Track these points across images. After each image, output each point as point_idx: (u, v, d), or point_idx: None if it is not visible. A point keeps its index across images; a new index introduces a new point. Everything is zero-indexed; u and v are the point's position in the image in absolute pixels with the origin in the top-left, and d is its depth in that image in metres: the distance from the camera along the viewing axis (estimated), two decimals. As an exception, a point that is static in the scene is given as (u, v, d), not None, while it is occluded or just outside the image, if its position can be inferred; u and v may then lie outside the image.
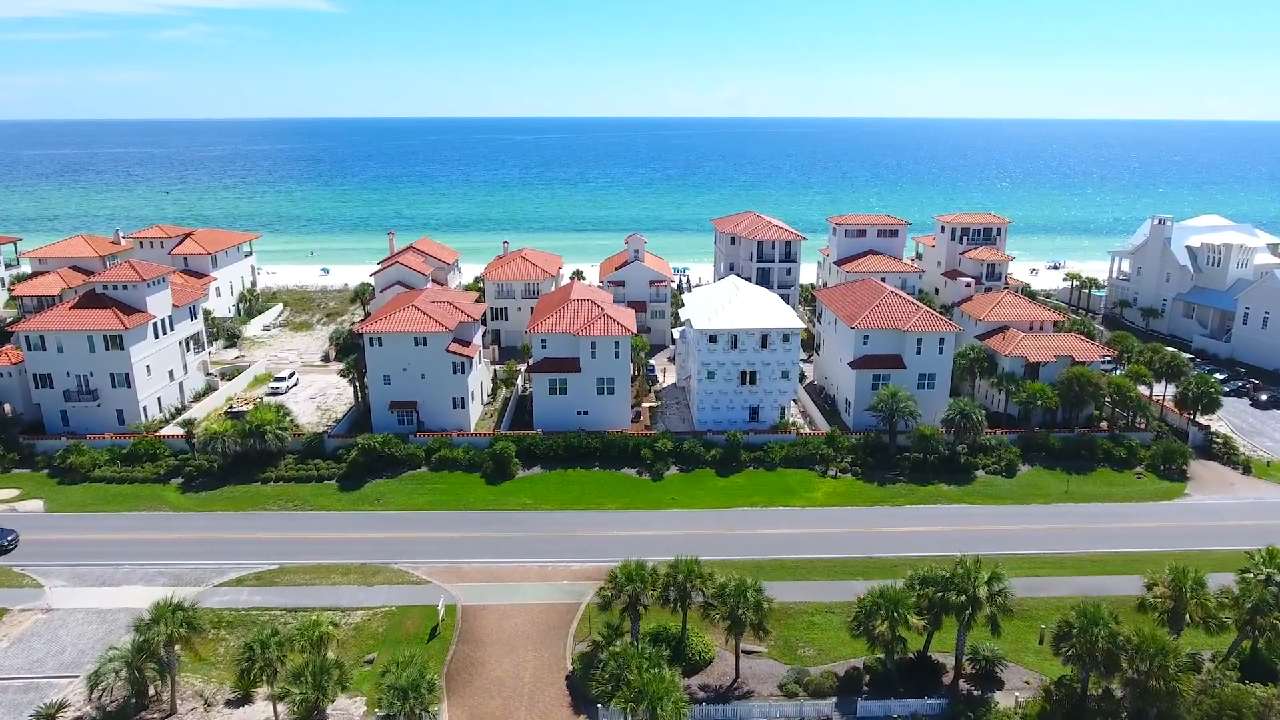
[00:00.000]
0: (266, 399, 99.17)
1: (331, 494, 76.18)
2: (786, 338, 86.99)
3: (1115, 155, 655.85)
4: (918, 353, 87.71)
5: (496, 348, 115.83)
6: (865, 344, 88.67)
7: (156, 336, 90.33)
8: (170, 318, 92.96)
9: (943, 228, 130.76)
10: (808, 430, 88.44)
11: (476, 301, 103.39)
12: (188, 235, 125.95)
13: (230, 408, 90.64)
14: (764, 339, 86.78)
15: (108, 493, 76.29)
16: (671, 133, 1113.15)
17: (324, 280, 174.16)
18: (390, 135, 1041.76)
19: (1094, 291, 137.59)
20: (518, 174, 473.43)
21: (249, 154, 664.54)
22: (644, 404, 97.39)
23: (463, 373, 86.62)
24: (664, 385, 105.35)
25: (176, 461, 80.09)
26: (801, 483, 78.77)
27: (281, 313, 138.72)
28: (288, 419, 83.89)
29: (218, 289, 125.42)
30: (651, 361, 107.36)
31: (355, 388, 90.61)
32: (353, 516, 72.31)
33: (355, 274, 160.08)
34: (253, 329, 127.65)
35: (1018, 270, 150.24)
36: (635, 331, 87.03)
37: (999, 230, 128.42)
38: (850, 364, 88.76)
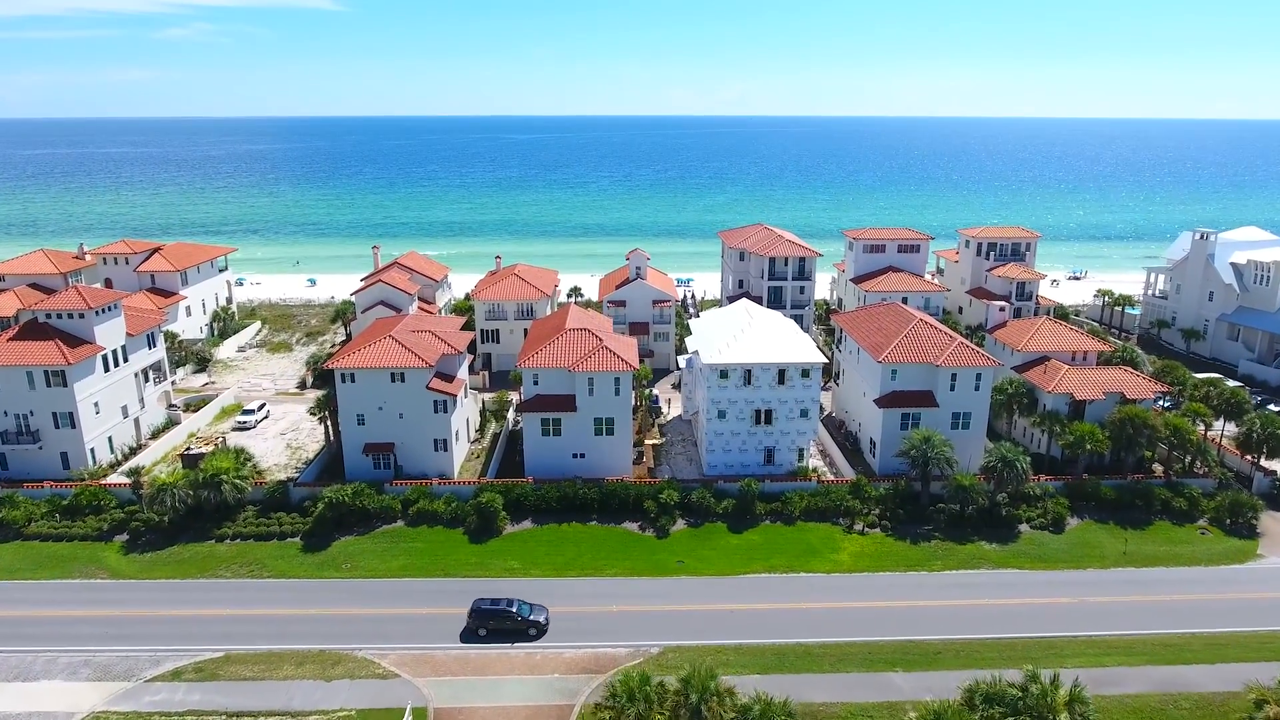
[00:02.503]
0: (232, 434, 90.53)
1: (294, 555, 67.25)
2: (806, 373, 78.05)
3: (1121, 155, 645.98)
4: (952, 389, 78.81)
5: (487, 374, 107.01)
6: (893, 379, 79.78)
7: (107, 370, 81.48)
8: (123, 348, 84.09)
9: (967, 242, 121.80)
10: (830, 477, 79.54)
11: (463, 330, 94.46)
12: (155, 250, 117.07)
13: (188, 449, 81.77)
14: (781, 374, 77.85)
15: (41, 553, 67.40)
16: (673, 132, 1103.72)
17: (310, 292, 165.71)
18: (389, 134, 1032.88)
19: (1127, 309, 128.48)
20: (516, 175, 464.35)
21: (244, 154, 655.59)
22: (646, 441, 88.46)
23: (445, 412, 77.72)
24: (668, 417, 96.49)
25: (123, 515, 71.22)
26: (825, 541, 69.86)
27: (259, 331, 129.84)
28: (249, 464, 75.11)
29: (188, 308, 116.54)
30: (655, 391, 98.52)
31: (326, 427, 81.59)
32: (316, 585, 63.36)
33: (344, 285, 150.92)
34: (226, 351, 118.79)
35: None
36: (637, 367, 78.13)
37: (1028, 245, 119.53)
38: (876, 401, 79.84)
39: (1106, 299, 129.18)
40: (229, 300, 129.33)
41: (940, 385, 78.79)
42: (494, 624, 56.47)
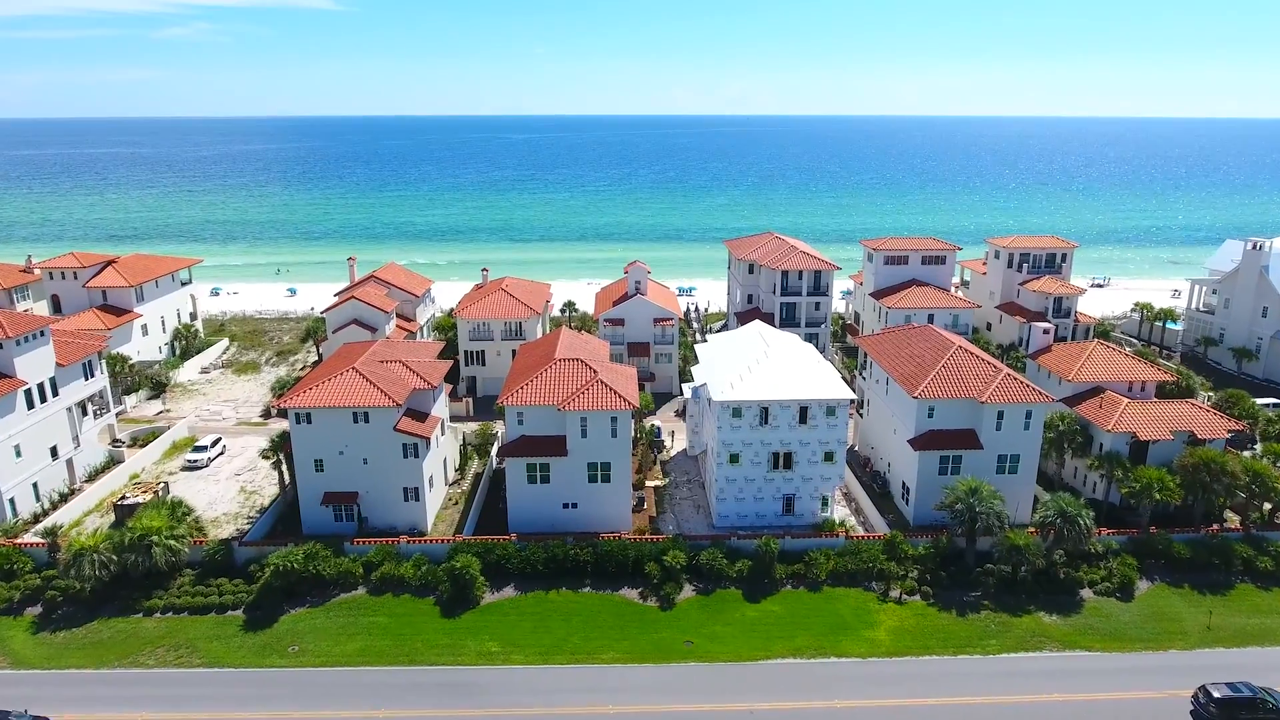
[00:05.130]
0: (180, 475, 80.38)
1: (233, 634, 57.03)
2: (832, 411, 67.88)
3: (1127, 154, 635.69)
4: (997, 429, 68.68)
5: (470, 401, 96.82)
6: (930, 417, 69.63)
7: (31, 406, 71.25)
8: (53, 380, 73.88)
9: (996, 253, 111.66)
10: (859, 531, 69.37)
11: (444, 354, 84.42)
12: (109, 263, 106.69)
13: (123, 497, 71.51)
14: (803, 412, 67.67)
15: (-66, 633, 57.26)
16: (673, 131, 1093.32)
17: (288, 303, 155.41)
18: (387, 134, 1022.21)
19: (1168, 324, 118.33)
20: (513, 176, 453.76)
21: (236, 155, 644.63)
22: (648, 483, 78.41)
23: (416, 457, 67.52)
24: (672, 452, 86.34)
25: (40, 581, 61.04)
26: (857, 612, 59.74)
27: (226, 350, 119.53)
28: (187, 520, 64.90)
29: (144, 326, 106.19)
30: (657, 423, 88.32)
31: (281, 472, 71.29)
32: (254, 678, 53.14)
33: (325, 294, 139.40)
34: (187, 373, 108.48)
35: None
36: (636, 404, 67.96)
37: (1064, 256, 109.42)
38: (911, 442, 69.68)
39: (1145, 313, 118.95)
40: (193, 316, 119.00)
41: (984, 424, 68.68)
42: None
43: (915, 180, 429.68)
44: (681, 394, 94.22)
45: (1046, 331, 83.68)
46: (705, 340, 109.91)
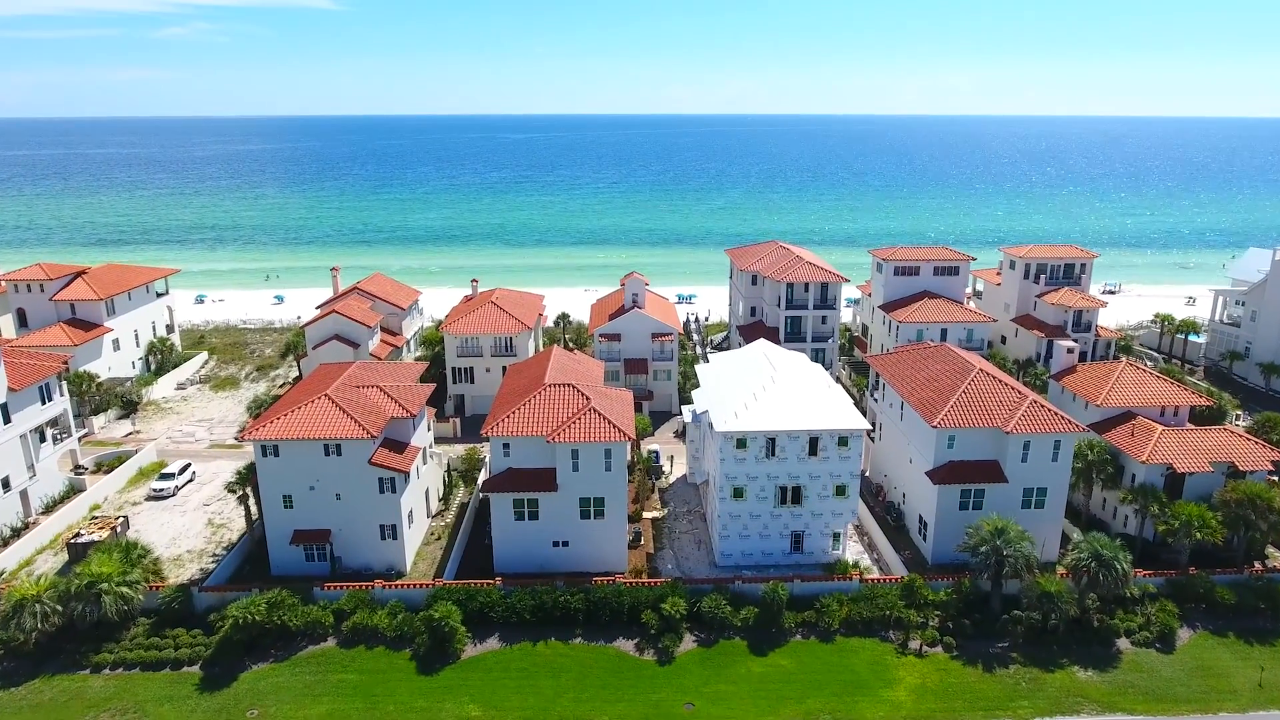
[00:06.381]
0: (145, 505, 75.11)
1: (187, 695, 51.74)
2: (844, 441, 62.59)
3: (1130, 154, 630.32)
4: (1024, 460, 63.41)
5: (458, 421, 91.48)
6: (950, 447, 64.36)
7: (-21, 435, 66.06)
8: (3, 406, 68.59)
9: (1012, 263, 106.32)
10: (874, 574, 64.06)
11: (426, 375, 79.23)
12: (78, 274, 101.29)
13: (77, 534, 66.19)
14: (813, 443, 62.39)
15: None
16: (672, 130, 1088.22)
17: (275, 311, 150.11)
18: (385, 133, 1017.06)
19: (1190, 336, 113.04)
20: (509, 177, 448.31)
21: (231, 155, 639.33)
22: (645, 514, 73.18)
23: (394, 491, 62.22)
24: (670, 477, 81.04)
25: (-20, 631, 55.84)
26: (875, 667, 54.47)
27: (204, 364, 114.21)
28: (143, 563, 59.72)
29: (115, 341, 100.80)
30: (655, 446, 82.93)
31: (247, 508, 65.89)
32: (207, 748, 47.96)
33: (313, 302, 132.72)
34: (162, 389, 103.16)
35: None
36: (632, 435, 62.73)
37: (1083, 266, 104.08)
38: (930, 474, 64.41)
39: (1166, 325, 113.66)
40: (169, 328, 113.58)
41: (1009, 455, 63.41)
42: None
43: (916, 181, 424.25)
44: (681, 414, 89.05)
45: (1071, 350, 78.33)
46: (706, 357, 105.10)
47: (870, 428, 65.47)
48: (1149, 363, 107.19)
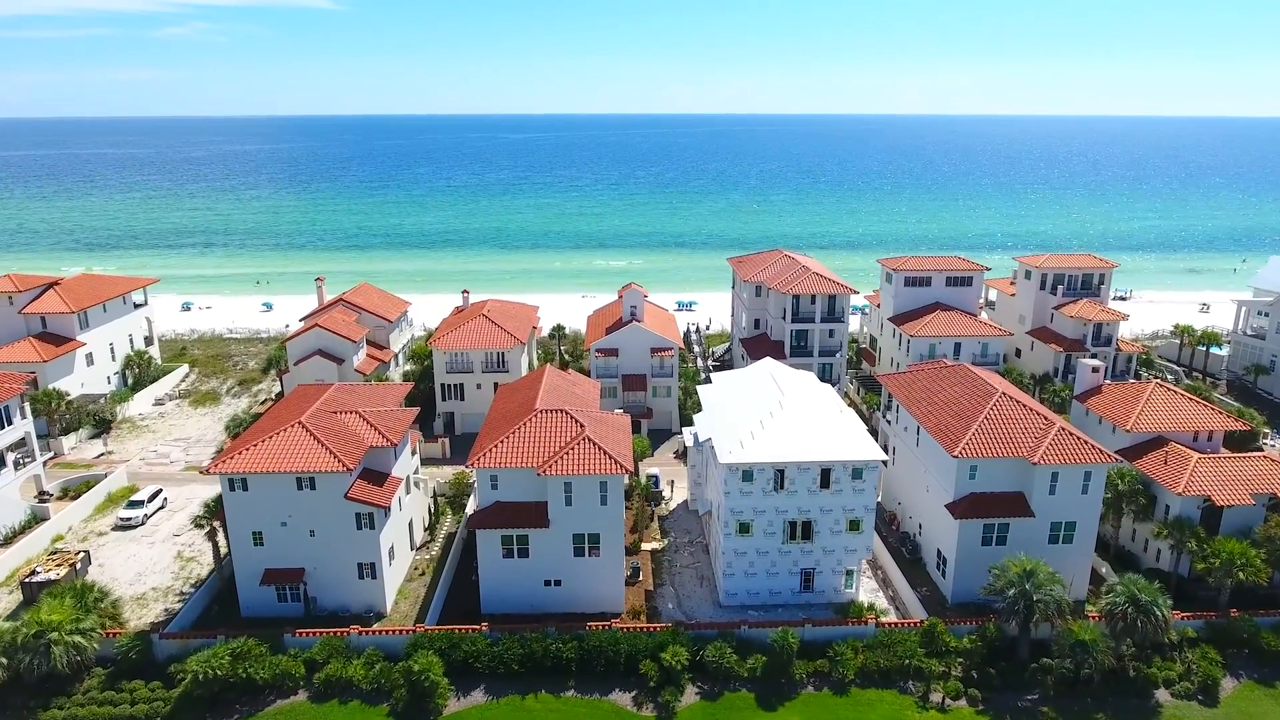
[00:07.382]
0: (111, 536, 70.52)
1: (142, 759, 47.26)
2: (858, 473, 58.09)
3: (1132, 154, 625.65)
4: (1051, 493, 58.91)
5: (447, 441, 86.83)
6: (972, 478, 59.86)
7: (-72, 465, 61.45)
8: (-44, 433, 64.07)
9: (1027, 273, 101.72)
10: (891, 615, 59.55)
11: (413, 394, 74.65)
12: (50, 286, 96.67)
13: (33, 571, 61.57)
14: (825, 475, 57.90)
15: None
16: (671, 130, 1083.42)
17: (263, 319, 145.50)
18: (383, 133, 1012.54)
19: (1212, 349, 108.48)
20: (508, 178, 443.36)
21: (230, 154, 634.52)
22: (644, 545, 68.67)
23: (372, 528, 57.66)
24: (671, 503, 76.47)
25: (-78, 682, 51.26)
26: (893, 724, 49.98)
27: (185, 378, 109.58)
28: (99, 607, 55.17)
29: (88, 356, 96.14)
30: (654, 470, 78.42)
31: (215, 544, 61.24)
32: (158, 824, 43.40)
33: (302, 309, 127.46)
34: (139, 405, 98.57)
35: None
36: (631, 468, 58.21)
37: (1102, 277, 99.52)
38: (949, 508, 59.91)
39: (1186, 336, 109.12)
40: (148, 341, 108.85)
41: (1036, 487, 58.89)
42: None
43: (918, 181, 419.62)
44: (681, 434, 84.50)
45: (1096, 370, 73.69)
46: (708, 371, 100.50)
47: (886, 458, 60.92)
48: (1170, 377, 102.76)
